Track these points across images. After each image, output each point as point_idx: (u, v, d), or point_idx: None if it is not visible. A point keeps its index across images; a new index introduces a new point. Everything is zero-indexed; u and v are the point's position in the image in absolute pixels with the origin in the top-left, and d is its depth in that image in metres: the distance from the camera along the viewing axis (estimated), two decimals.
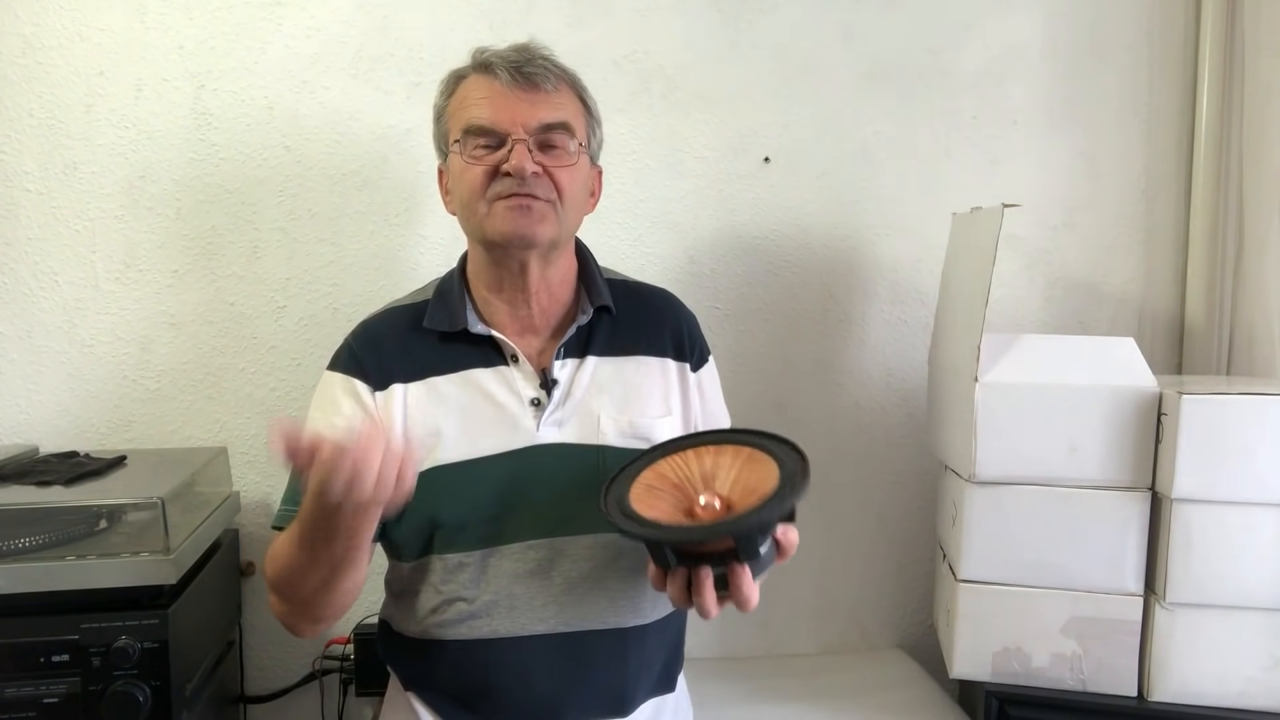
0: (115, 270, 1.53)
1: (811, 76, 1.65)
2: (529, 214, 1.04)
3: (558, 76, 1.07)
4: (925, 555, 1.72)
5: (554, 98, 1.06)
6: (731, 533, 0.86)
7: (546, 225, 1.05)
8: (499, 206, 1.04)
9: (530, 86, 1.05)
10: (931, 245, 1.66)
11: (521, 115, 1.04)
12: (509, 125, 1.04)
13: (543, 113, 1.05)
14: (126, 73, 1.51)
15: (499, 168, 1.04)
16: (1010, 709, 1.33)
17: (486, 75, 1.06)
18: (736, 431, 1.01)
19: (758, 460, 0.94)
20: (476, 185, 1.05)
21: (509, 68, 1.04)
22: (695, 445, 0.99)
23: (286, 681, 1.61)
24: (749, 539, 0.86)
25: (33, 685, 1.12)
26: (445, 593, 1.08)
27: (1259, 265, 1.58)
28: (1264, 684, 1.25)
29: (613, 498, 0.94)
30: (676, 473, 0.96)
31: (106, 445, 1.54)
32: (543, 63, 1.06)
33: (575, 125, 1.08)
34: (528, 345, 1.12)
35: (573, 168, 1.07)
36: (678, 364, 1.17)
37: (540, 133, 1.05)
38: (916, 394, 1.70)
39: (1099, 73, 1.69)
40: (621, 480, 0.96)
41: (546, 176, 1.05)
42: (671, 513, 0.93)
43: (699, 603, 0.89)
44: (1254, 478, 1.22)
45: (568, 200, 1.07)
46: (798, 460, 0.91)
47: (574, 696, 1.08)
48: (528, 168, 1.02)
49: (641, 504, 0.92)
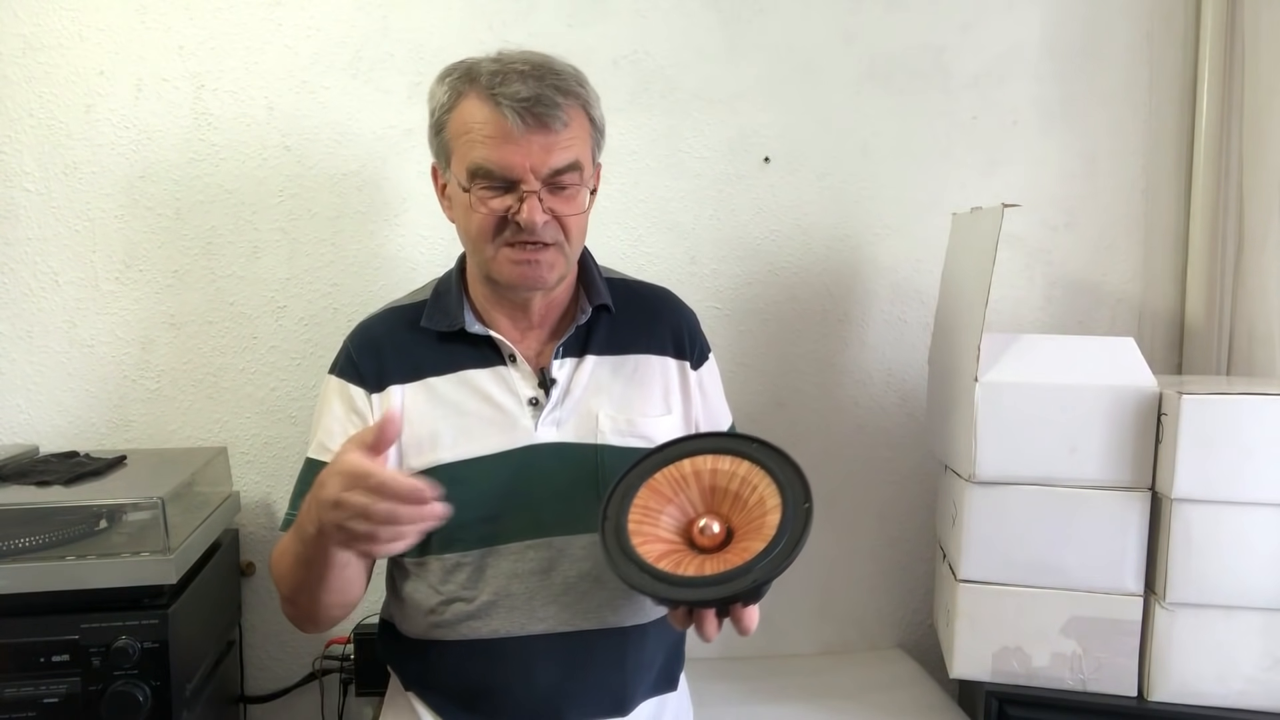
0: (115, 270, 1.53)
1: (811, 76, 1.65)
2: (538, 266, 1.04)
3: (567, 106, 1.01)
4: (925, 555, 1.72)
5: (564, 137, 1.01)
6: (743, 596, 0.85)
7: (555, 270, 1.06)
8: (507, 255, 1.04)
9: (540, 128, 1.00)
10: (931, 245, 1.66)
11: (532, 160, 1.00)
12: (520, 173, 1.00)
13: (554, 158, 1.01)
14: (126, 73, 1.51)
15: (507, 215, 1.02)
16: (1010, 709, 1.33)
17: (494, 108, 0.99)
18: (734, 438, 1.00)
19: (755, 478, 0.93)
20: (485, 230, 1.04)
21: (519, 108, 0.98)
22: (693, 453, 0.97)
23: (286, 681, 1.61)
24: (755, 592, 0.86)
25: (33, 685, 1.12)
26: (444, 593, 1.08)
27: (1259, 265, 1.58)
28: (1264, 684, 1.25)
29: (611, 525, 0.92)
30: (675, 489, 0.95)
31: (106, 445, 1.54)
32: (551, 95, 1.00)
33: (584, 158, 1.05)
34: (526, 345, 1.12)
35: (581, 215, 1.06)
36: (678, 362, 1.17)
37: (550, 178, 1.02)
38: (916, 394, 1.70)
39: (1099, 73, 1.69)
40: (619, 498, 0.95)
41: (555, 221, 1.03)
42: (672, 541, 0.92)
43: (701, 634, 0.91)
44: (1254, 478, 1.22)
45: (574, 237, 1.07)
46: (799, 485, 0.90)
47: (574, 696, 1.08)
48: (539, 221, 1.01)
49: (641, 536, 0.91)
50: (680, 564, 0.89)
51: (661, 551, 0.90)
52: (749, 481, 0.93)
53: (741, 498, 0.93)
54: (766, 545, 0.86)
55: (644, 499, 0.95)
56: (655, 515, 0.93)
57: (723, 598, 0.85)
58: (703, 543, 0.90)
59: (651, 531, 0.92)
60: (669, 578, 0.87)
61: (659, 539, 0.92)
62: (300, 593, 1.01)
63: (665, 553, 0.90)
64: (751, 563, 0.86)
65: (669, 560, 0.89)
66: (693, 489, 0.95)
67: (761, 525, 0.89)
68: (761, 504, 0.90)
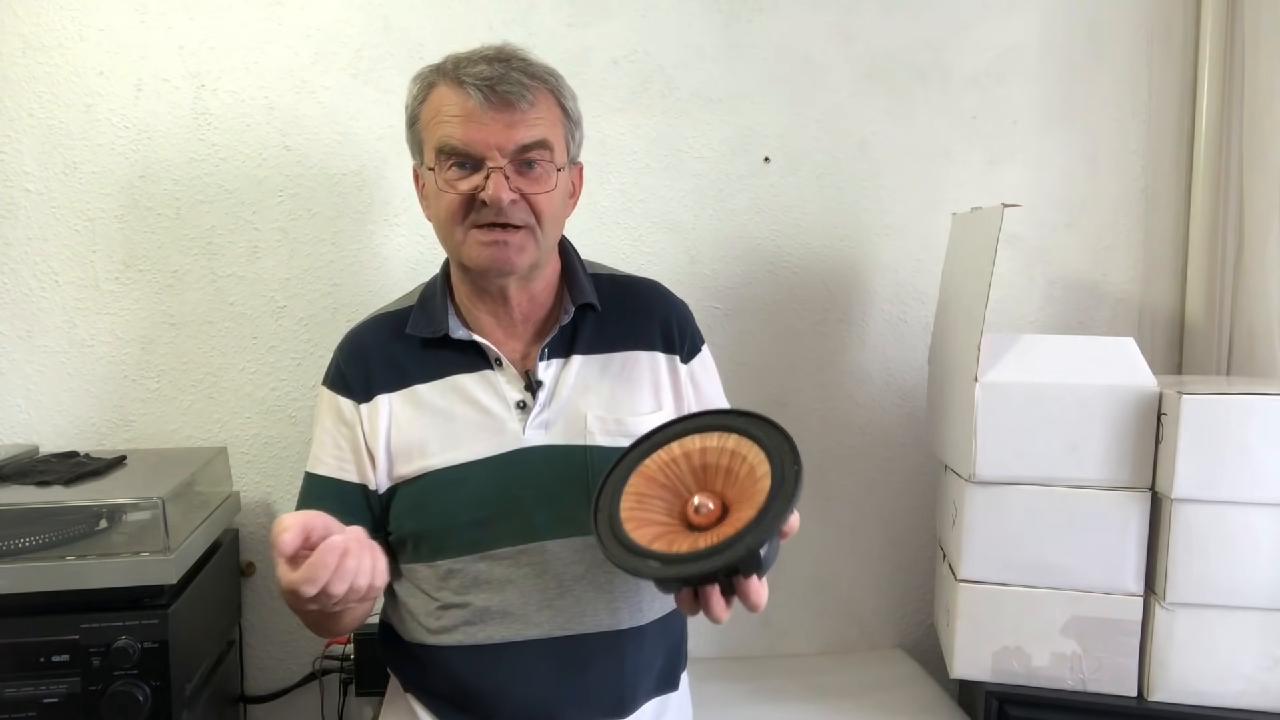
0: (115, 270, 1.53)
1: (811, 76, 1.65)
2: (506, 248, 1.02)
3: (534, 87, 1.02)
4: (925, 555, 1.72)
5: (530, 115, 1.01)
6: (734, 564, 0.83)
7: (525, 254, 1.04)
8: (475, 237, 1.03)
9: (505, 106, 1.00)
10: (931, 245, 1.66)
11: (497, 138, 1.00)
12: (484, 149, 1.00)
13: (519, 134, 1.01)
14: (126, 73, 1.51)
15: (475, 195, 1.01)
16: (1010, 709, 1.33)
17: (459, 89, 1.00)
18: (719, 414, 0.98)
19: (744, 449, 0.91)
20: (454, 211, 1.03)
21: (482, 86, 0.99)
22: (680, 435, 0.96)
23: (286, 681, 1.61)
24: (750, 559, 0.84)
25: (33, 685, 1.12)
26: (439, 599, 1.09)
27: (1259, 265, 1.58)
28: (1264, 684, 1.25)
29: (604, 516, 0.91)
30: (666, 473, 0.94)
31: (106, 445, 1.54)
32: (517, 75, 1.01)
33: (553, 139, 1.04)
34: (511, 348, 1.11)
35: (551, 192, 1.04)
36: (667, 357, 1.15)
37: (517, 154, 1.01)
38: (916, 394, 1.70)
39: (1099, 73, 1.69)
40: (611, 489, 0.94)
41: (524, 201, 1.02)
42: (667, 523, 0.90)
43: (709, 614, 0.88)
44: (1254, 478, 1.22)
45: (546, 221, 1.05)
46: (787, 449, 0.88)
47: (573, 699, 1.08)
48: (505, 198, 1.00)
49: (634, 521, 0.90)
50: (674, 544, 0.88)
51: (655, 534, 0.89)
52: (738, 454, 0.91)
53: (733, 471, 0.91)
54: (758, 512, 0.85)
55: (636, 486, 0.93)
56: (650, 501, 0.92)
57: (716, 569, 0.83)
58: (699, 522, 0.89)
59: (646, 517, 0.91)
60: (662, 556, 0.86)
61: (654, 523, 0.90)
62: (323, 620, 1.02)
63: (659, 535, 0.89)
64: (743, 530, 0.84)
65: (662, 541, 0.88)
66: (684, 470, 0.93)
67: (754, 494, 0.87)
68: (752, 474, 0.89)
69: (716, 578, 0.86)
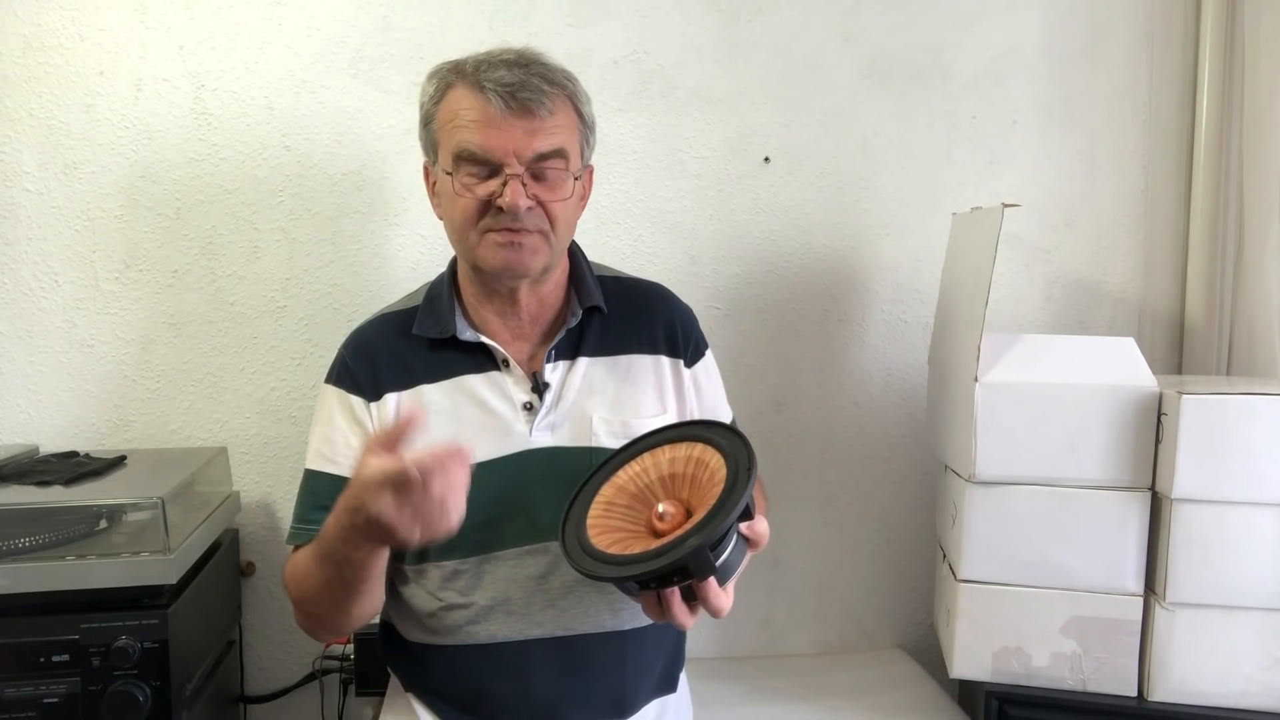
0: (115, 270, 1.53)
1: (811, 76, 1.65)
2: (520, 250, 1.03)
3: (553, 94, 1.02)
4: (925, 555, 1.72)
5: (549, 123, 1.02)
6: (678, 563, 0.84)
7: (539, 257, 1.05)
8: (490, 239, 1.03)
9: (525, 113, 1.00)
10: (931, 245, 1.66)
11: (516, 144, 1.00)
12: (502, 156, 1.00)
13: (538, 142, 1.01)
14: (126, 73, 1.51)
15: (491, 200, 1.01)
16: (1010, 709, 1.33)
17: (479, 93, 1.00)
18: (686, 425, 1.00)
19: (708, 456, 0.93)
20: (469, 215, 1.03)
21: (502, 92, 0.99)
22: (655, 446, 0.98)
23: (286, 681, 1.61)
24: (699, 559, 0.84)
25: (33, 685, 1.12)
26: (443, 599, 1.08)
27: (1259, 265, 1.58)
28: (1264, 684, 1.25)
29: (572, 524, 0.93)
30: (636, 482, 0.96)
31: (106, 445, 1.54)
32: (537, 82, 1.01)
33: (570, 147, 1.04)
34: (518, 350, 1.12)
35: (566, 200, 1.05)
36: (671, 360, 1.16)
37: (534, 162, 1.02)
38: (916, 394, 1.70)
39: (1099, 73, 1.69)
40: (583, 498, 0.95)
41: (540, 208, 1.03)
42: (632, 530, 0.92)
43: (672, 619, 0.89)
44: (1254, 478, 1.22)
45: (560, 227, 1.05)
46: (744, 453, 0.90)
47: (574, 700, 1.08)
48: (522, 205, 1.00)
49: (599, 528, 0.91)
50: (631, 548, 0.89)
51: (616, 540, 0.90)
52: (702, 462, 0.93)
53: (697, 479, 0.93)
54: (707, 513, 0.86)
55: (608, 495, 0.95)
56: (618, 510, 0.94)
57: (664, 567, 0.84)
58: (663, 529, 0.90)
59: (612, 525, 0.92)
60: (617, 559, 0.87)
61: (619, 530, 0.92)
62: (331, 609, 1.01)
63: (619, 540, 0.90)
64: (690, 530, 0.86)
65: (620, 546, 0.89)
66: (653, 480, 0.95)
67: (712, 499, 0.88)
68: (712, 479, 0.90)
69: (670, 578, 0.86)
